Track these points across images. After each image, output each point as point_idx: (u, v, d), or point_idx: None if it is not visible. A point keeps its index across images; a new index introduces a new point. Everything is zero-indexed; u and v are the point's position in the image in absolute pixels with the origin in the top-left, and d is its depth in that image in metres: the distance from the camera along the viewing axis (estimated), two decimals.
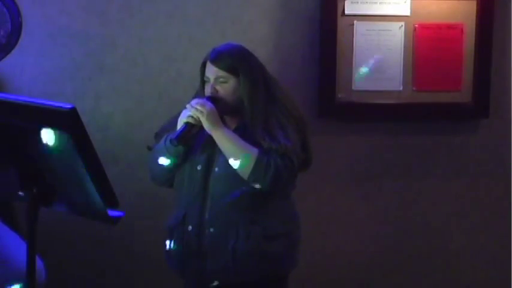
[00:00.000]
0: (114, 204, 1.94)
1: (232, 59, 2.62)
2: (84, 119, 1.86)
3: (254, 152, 2.52)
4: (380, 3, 3.47)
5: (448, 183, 3.67)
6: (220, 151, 2.57)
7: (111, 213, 1.96)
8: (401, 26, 3.50)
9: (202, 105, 2.54)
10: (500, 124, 3.64)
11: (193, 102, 2.56)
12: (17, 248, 2.50)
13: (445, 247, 3.71)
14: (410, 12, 3.49)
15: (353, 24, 3.47)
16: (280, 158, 2.52)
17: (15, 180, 2.01)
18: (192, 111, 2.53)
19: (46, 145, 1.89)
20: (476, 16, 3.52)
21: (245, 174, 2.52)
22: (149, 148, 2.75)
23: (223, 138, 2.54)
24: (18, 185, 2.01)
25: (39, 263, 2.44)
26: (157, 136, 2.73)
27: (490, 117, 3.60)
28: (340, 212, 3.62)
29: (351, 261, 3.65)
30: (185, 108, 2.57)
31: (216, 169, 2.60)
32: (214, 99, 2.59)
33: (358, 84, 3.50)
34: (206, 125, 2.53)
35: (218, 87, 2.60)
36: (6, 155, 2.01)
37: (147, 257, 3.46)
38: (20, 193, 2.00)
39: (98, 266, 3.51)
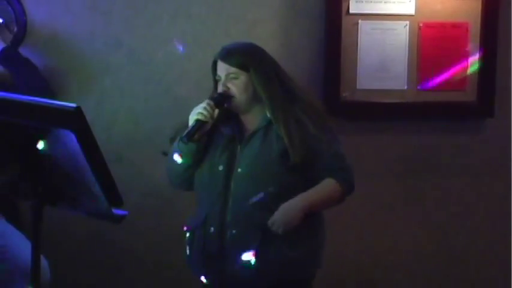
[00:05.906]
0: (118, 203, 1.95)
1: (242, 55, 2.62)
2: (88, 117, 1.85)
3: (332, 187, 2.58)
4: (385, 2, 3.47)
5: (452, 183, 3.66)
6: (242, 152, 2.57)
7: (116, 212, 1.96)
8: (406, 25, 3.49)
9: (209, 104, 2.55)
10: (505, 123, 3.62)
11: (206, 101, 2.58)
12: (22, 247, 2.51)
13: (448, 246, 3.70)
14: (415, 11, 3.48)
15: (358, 23, 3.47)
16: (337, 161, 2.61)
17: (20, 179, 2.01)
18: (202, 109, 2.53)
19: (51, 144, 1.90)
20: (481, 15, 3.51)
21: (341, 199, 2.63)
22: (165, 154, 2.72)
23: (309, 204, 2.52)
24: (23, 184, 2.01)
25: (43, 263, 2.45)
26: (172, 140, 2.69)
27: (495, 116, 3.59)
28: (342, 211, 3.61)
29: (353, 261, 3.64)
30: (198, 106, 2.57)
31: (239, 170, 2.57)
32: (225, 96, 2.59)
33: (362, 83, 3.50)
34: (282, 221, 2.47)
35: (229, 84, 2.60)
36: (12, 154, 2.02)
37: (151, 257, 3.46)
38: (25, 192, 2.01)
39: (102, 266, 3.51)
